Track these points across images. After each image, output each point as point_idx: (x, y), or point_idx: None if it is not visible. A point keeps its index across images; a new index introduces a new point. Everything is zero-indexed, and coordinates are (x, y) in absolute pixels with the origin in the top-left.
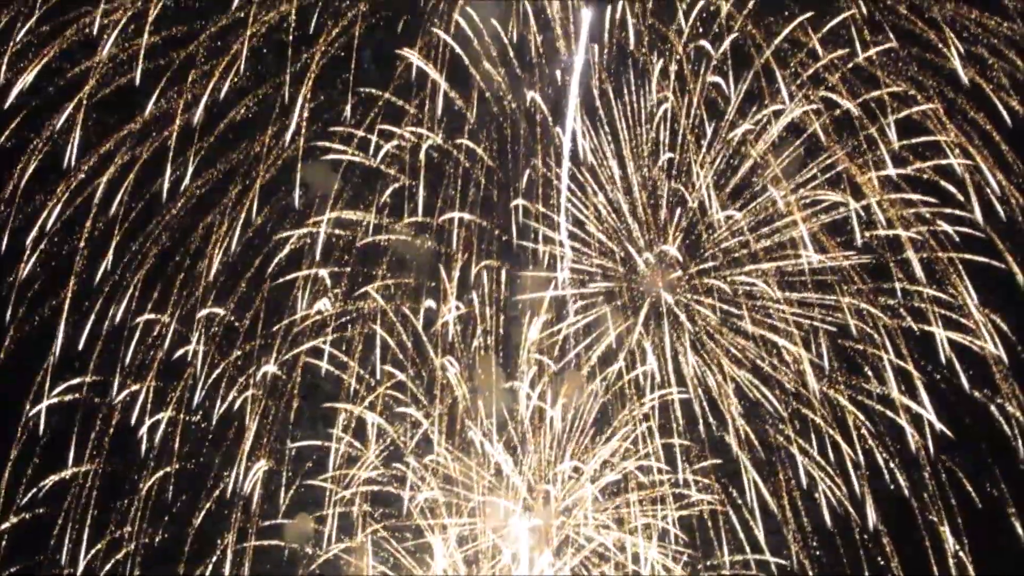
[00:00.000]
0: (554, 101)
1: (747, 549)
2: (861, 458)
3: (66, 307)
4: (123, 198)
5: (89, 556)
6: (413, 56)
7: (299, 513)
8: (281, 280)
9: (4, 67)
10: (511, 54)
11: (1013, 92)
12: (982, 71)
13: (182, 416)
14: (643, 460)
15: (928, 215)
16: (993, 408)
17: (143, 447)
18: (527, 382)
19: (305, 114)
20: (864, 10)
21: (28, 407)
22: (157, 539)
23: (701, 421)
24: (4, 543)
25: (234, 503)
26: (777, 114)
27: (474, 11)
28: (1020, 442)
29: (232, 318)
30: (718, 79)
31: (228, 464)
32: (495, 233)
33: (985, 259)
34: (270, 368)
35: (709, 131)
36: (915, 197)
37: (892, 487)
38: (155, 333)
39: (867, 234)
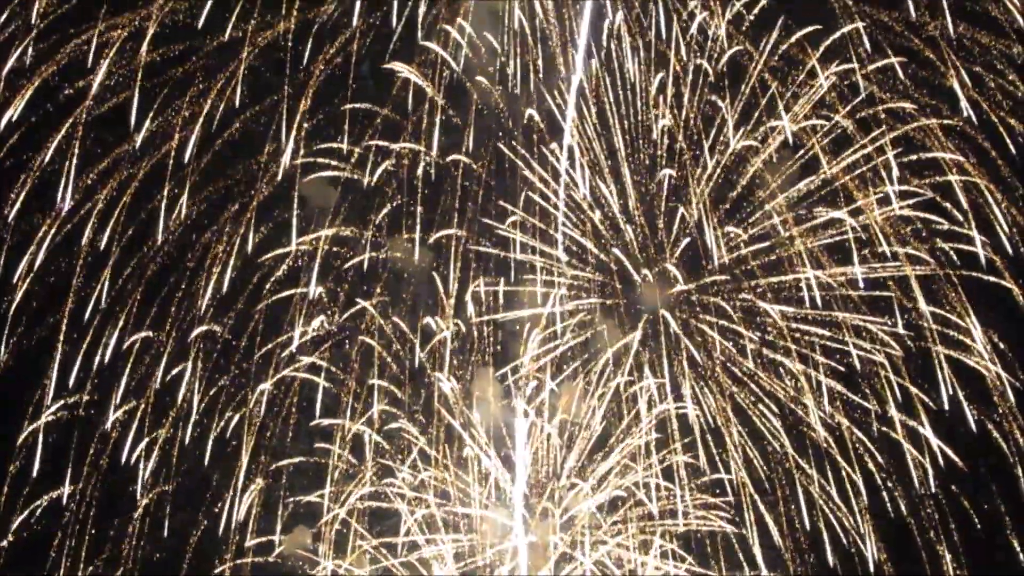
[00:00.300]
0: (551, 117)
1: (745, 568)
2: (860, 478)
3: (63, 326)
4: (120, 217)
5: (87, 574)
6: (412, 72)
7: (297, 527)
8: (277, 297)
9: (1, 84)
10: (509, 70)
11: (1011, 112)
12: (981, 90)
13: (179, 434)
14: (641, 477)
15: (925, 233)
16: (991, 426)
17: (140, 466)
18: (524, 397)
19: (302, 132)
20: (862, 28)
21: (26, 425)
22: (155, 556)
23: (699, 438)
24: (2, 561)
25: (231, 519)
26: (774, 131)
27: (472, 27)
28: (1019, 463)
29: (228, 336)
30: (714, 97)
31: (225, 480)
32: (492, 249)
33: (982, 276)
34: (266, 386)
35: (707, 148)
36: (913, 215)
37: (890, 504)
38: (152, 352)
39: (864, 251)
